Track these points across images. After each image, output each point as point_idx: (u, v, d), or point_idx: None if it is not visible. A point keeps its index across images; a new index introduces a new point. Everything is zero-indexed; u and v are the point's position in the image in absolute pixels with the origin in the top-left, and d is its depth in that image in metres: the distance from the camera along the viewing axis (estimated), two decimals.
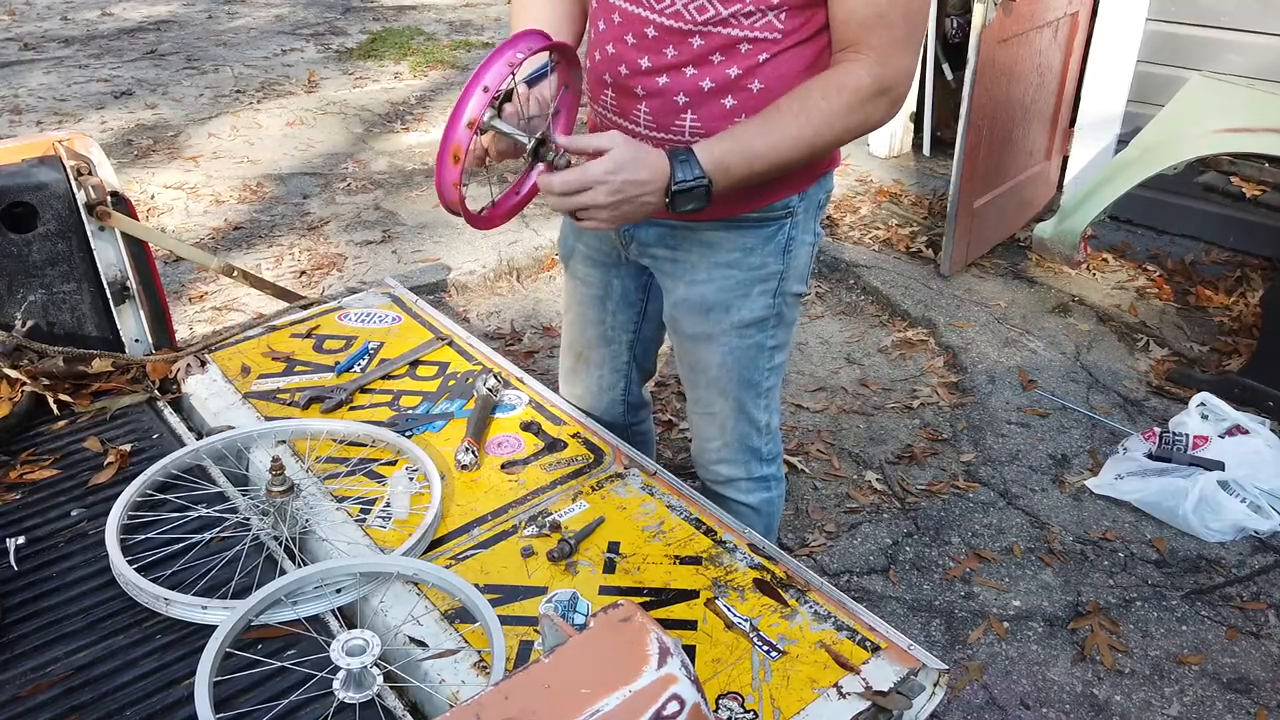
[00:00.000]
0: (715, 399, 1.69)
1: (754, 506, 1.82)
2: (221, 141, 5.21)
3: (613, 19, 1.44)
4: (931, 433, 2.96)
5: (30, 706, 1.18)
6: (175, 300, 3.56)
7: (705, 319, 1.60)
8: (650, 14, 1.38)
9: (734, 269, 1.56)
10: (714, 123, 1.41)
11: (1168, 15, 3.63)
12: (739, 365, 1.65)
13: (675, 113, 1.44)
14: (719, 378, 1.66)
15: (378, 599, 1.31)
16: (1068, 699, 2.11)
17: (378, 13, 8.03)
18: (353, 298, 2.11)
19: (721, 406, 1.70)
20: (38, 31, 7.34)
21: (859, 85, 1.32)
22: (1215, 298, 3.58)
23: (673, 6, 1.36)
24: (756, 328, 1.61)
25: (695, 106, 1.42)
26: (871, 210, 4.42)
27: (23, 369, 1.74)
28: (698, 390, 1.71)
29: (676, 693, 0.75)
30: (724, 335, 1.61)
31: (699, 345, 1.64)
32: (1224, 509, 2.51)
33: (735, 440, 1.74)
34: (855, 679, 1.18)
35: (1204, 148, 2.98)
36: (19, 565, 1.40)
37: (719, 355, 1.64)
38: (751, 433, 1.74)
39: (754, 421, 1.73)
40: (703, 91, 1.41)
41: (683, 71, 1.40)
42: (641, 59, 1.42)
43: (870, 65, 1.32)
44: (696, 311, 1.61)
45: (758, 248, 1.55)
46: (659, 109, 1.44)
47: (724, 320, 1.60)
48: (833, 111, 1.32)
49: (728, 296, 1.58)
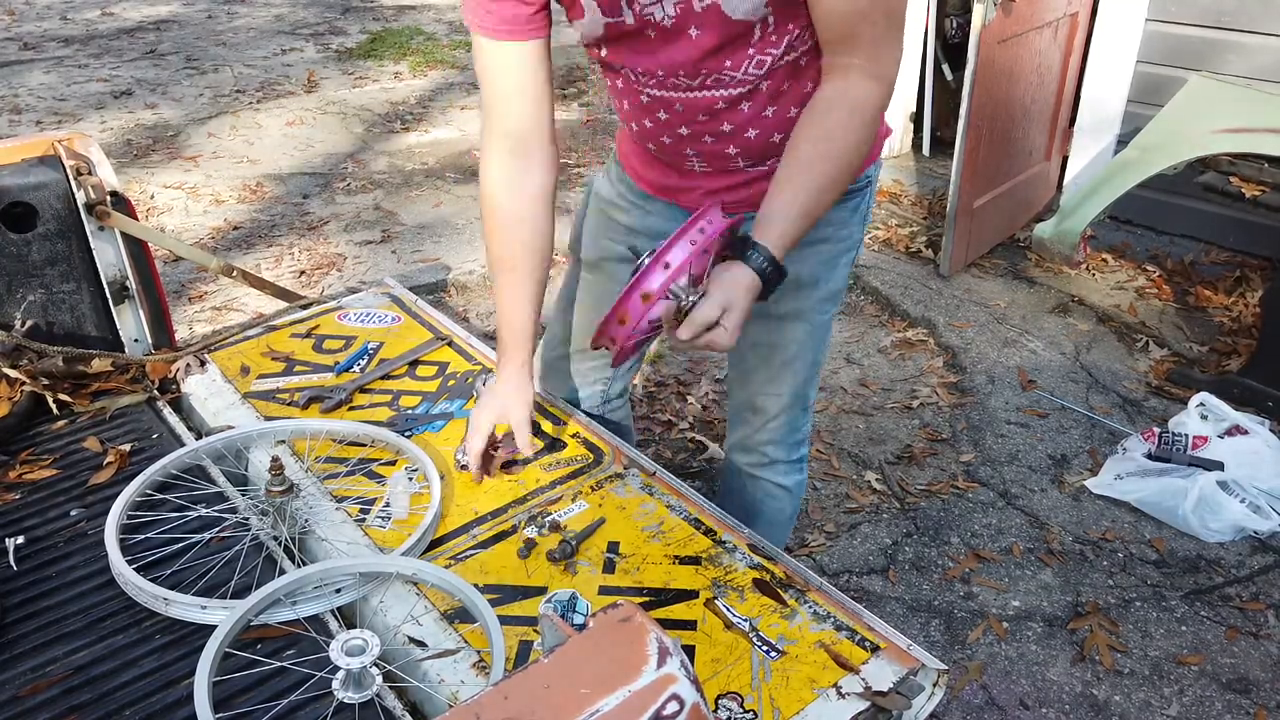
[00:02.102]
0: (786, 378, 1.71)
1: (788, 488, 1.86)
2: (221, 141, 5.21)
3: (672, 109, 1.44)
4: (931, 433, 2.96)
5: (30, 706, 1.18)
6: (175, 300, 3.56)
7: (797, 295, 1.61)
8: (713, 92, 1.39)
9: (826, 243, 1.58)
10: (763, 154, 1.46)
11: (1168, 15, 3.63)
12: (815, 341, 1.69)
13: (726, 159, 1.49)
14: (796, 355, 1.69)
15: (377, 599, 1.31)
16: (1067, 699, 2.11)
17: (378, 13, 8.03)
18: (352, 298, 2.11)
19: (790, 386, 1.72)
20: (37, 31, 7.34)
21: (865, 99, 1.31)
22: (1215, 298, 3.59)
23: (734, 79, 1.36)
24: (833, 300, 1.67)
25: (745, 153, 1.47)
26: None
27: (22, 369, 1.74)
28: (769, 370, 1.72)
29: (676, 693, 0.75)
30: (810, 311, 1.64)
31: (785, 324, 1.66)
32: (1223, 509, 2.51)
33: (788, 421, 1.77)
34: (855, 679, 1.18)
35: (1204, 148, 2.98)
36: (18, 565, 1.40)
37: (803, 332, 1.66)
38: (801, 414, 1.78)
39: (805, 402, 1.77)
40: (791, 119, 1.40)
41: (764, 115, 1.42)
42: (722, 126, 1.43)
43: (863, 71, 1.31)
44: (788, 288, 1.54)
45: (845, 220, 1.59)
46: (758, 153, 1.47)
47: (813, 295, 1.63)
48: (857, 138, 1.33)
49: (819, 270, 1.61)
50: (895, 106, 4.86)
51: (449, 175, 4.87)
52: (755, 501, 1.88)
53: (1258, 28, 3.45)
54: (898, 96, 4.83)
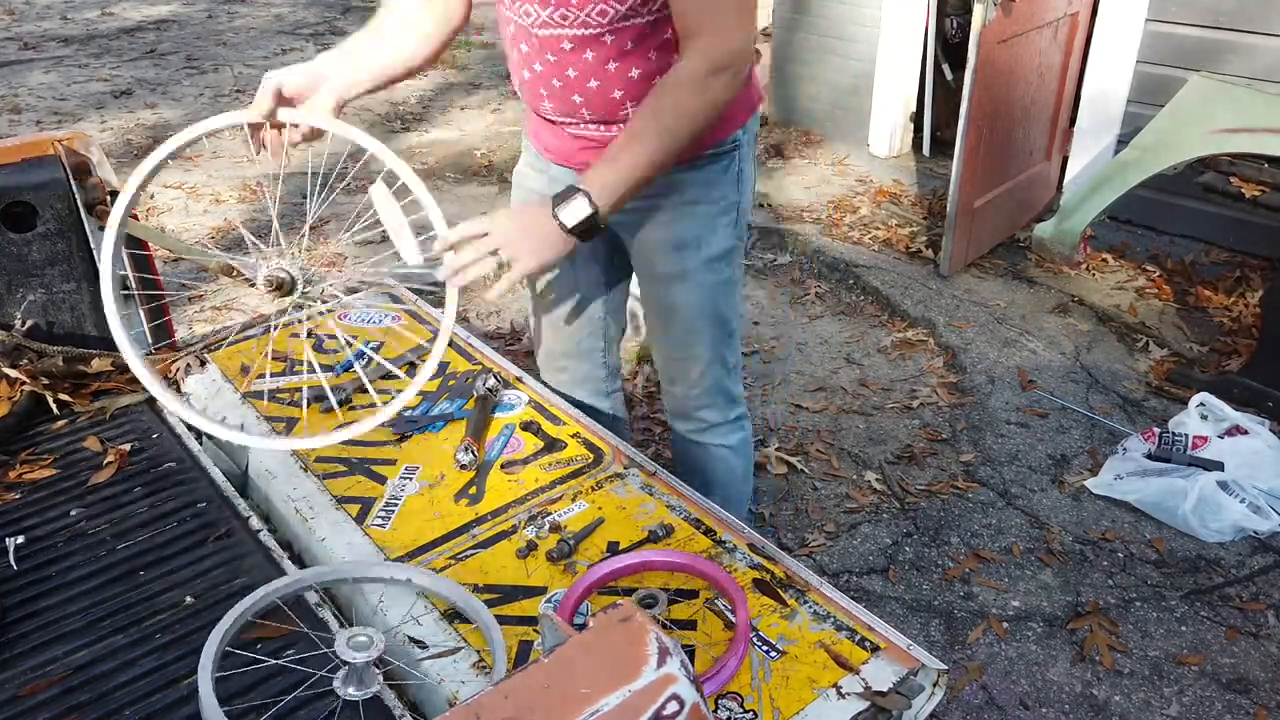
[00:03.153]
0: (693, 341, 1.80)
1: (732, 447, 1.95)
2: (221, 141, 5.21)
3: (531, 43, 1.55)
4: (931, 433, 2.96)
5: (29, 706, 1.18)
6: (175, 300, 3.56)
7: (679, 256, 1.71)
8: (559, 30, 1.49)
9: (700, 204, 1.68)
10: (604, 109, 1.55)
11: (1168, 15, 3.63)
12: (713, 301, 1.77)
13: (616, 107, 1.57)
14: (695, 318, 1.78)
15: (377, 598, 1.31)
16: (1067, 699, 2.11)
17: None
18: (352, 298, 2.11)
19: (698, 349, 1.81)
20: (37, 31, 7.34)
21: (693, 72, 1.42)
22: (1215, 298, 3.59)
23: (578, 17, 1.46)
24: (724, 261, 1.74)
25: (632, 96, 1.54)
26: (871, 210, 4.42)
27: (22, 368, 1.74)
28: (673, 333, 1.82)
29: (676, 693, 0.75)
30: (696, 272, 1.73)
31: (673, 285, 1.75)
32: (1223, 509, 2.51)
33: (713, 383, 1.86)
34: (855, 679, 1.18)
35: (1204, 148, 2.98)
36: (18, 565, 1.40)
37: (693, 294, 1.75)
38: (724, 374, 1.86)
39: (725, 363, 1.85)
40: (633, 80, 1.53)
41: (607, 69, 1.52)
42: (568, 70, 1.54)
43: (702, 50, 1.42)
44: (670, 249, 1.72)
45: (716, 180, 1.68)
46: (600, 107, 1.57)
47: (695, 256, 1.71)
48: (679, 104, 1.43)
49: (698, 231, 1.70)
50: (896, 106, 4.86)
51: (449, 175, 4.87)
52: (706, 467, 1.97)
53: (1258, 28, 3.45)
54: (898, 97, 4.84)
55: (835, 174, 4.82)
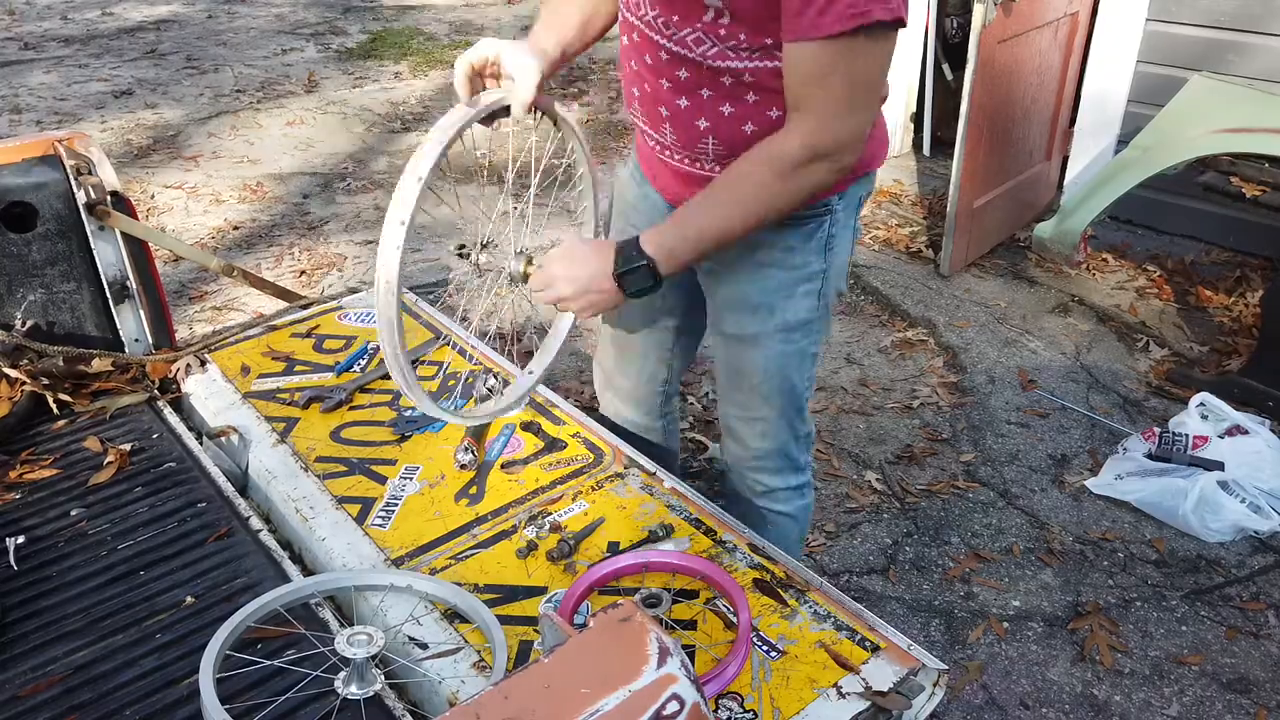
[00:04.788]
0: (759, 405, 1.68)
1: (792, 515, 1.82)
2: (221, 141, 5.21)
3: (633, 36, 1.46)
4: (931, 433, 2.96)
5: (30, 706, 1.18)
6: (175, 300, 3.56)
7: (751, 319, 1.60)
8: (660, 39, 1.40)
9: (776, 268, 1.56)
10: (737, 148, 1.40)
11: (1168, 15, 3.63)
12: (783, 371, 1.64)
13: (698, 136, 1.46)
14: (763, 384, 1.65)
15: (378, 599, 1.31)
16: (1067, 699, 2.11)
17: (378, 13, 8.03)
18: (352, 297, 2.11)
19: (765, 413, 1.69)
20: (38, 31, 7.34)
21: (785, 153, 1.31)
22: (1215, 298, 3.59)
23: (678, 34, 1.37)
24: (801, 331, 1.61)
25: (717, 131, 1.44)
26: (871, 210, 4.42)
27: (22, 368, 1.74)
28: (739, 395, 1.70)
29: (676, 693, 0.75)
30: (768, 339, 1.61)
31: (744, 348, 1.64)
32: (1224, 509, 2.51)
33: (776, 449, 1.73)
34: (855, 679, 1.18)
35: (1204, 148, 2.97)
36: (19, 565, 1.40)
37: (763, 360, 1.63)
38: (791, 442, 1.74)
39: (794, 430, 1.72)
40: (723, 116, 1.42)
41: (700, 94, 1.41)
42: (660, 80, 1.44)
43: (803, 131, 1.30)
44: (741, 310, 1.61)
45: (798, 246, 1.55)
46: (682, 129, 1.47)
47: (769, 322, 1.59)
48: (761, 183, 1.33)
49: (772, 298, 1.58)
50: (896, 106, 4.86)
51: (449, 175, 4.87)
52: (758, 525, 1.84)
53: (1258, 28, 3.45)
54: (898, 97, 4.84)
55: None
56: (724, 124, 1.43)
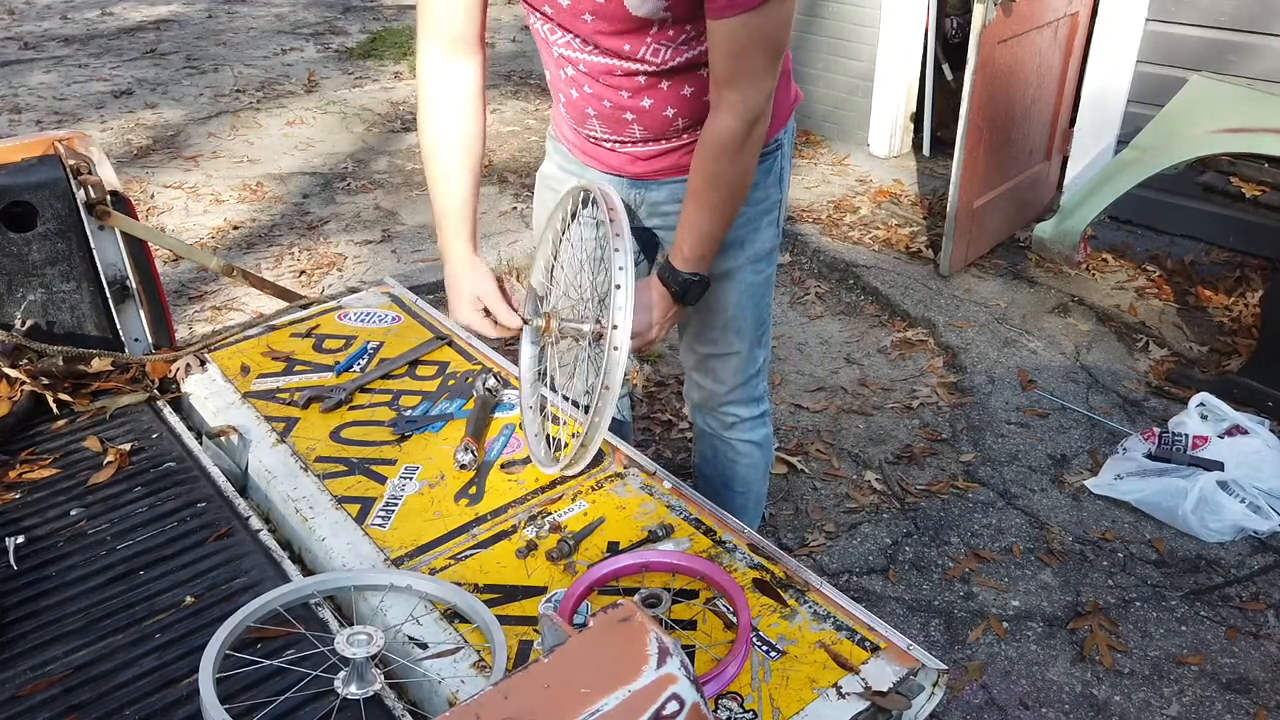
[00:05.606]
0: (733, 339, 1.82)
1: (757, 442, 1.97)
2: (221, 141, 5.21)
3: (578, 68, 1.55)
4: (931, 433, 2.96)
5: (30, 706, 1.18)
6: (175, 300, 3.56)
7: (723, 256, 1.70)
8: (617, 61, 1.50)
9: (746, 206, 1.65)
10: (700, 116, 1.52)
11: (1168, 15, 3.63)
12: (753, 300, 1.79)
13: (668, 123, 1.59)
14: (736, 316, 1.80)
15: (378, 599, 1.31)
16: (1067, 699, 2.11)
17: (378, 13, 8.03)
18: (352, 297, 2.11)
19: (739, 346, 1.83)
20: (38, 31, 7.34)
21: (732, 136, 1.45)
22: (1215, 298, 3.59)
23: (636, 55, 1.48)
24: (766, 260, 1.77)
25: (684, 113, 1.57)
26: (871, 210, 4.42)
27: (22, 368, 1.74)
28: (713, 333, 1.83)
29: (676, 693, 0.75)
30: (740, 271, 1.75)
31: (717, 285, 1.74)
32: (1223, 509, 2.51)
33: (744, 380, 1.88)
34: (855, 679, 1.18)
35: (1204, 148, 2.98)
36: (18, 565, 1.40)
37: (735, 294, 1.77)
38: (754, 374, 1.89)
39: (756, 360, 1.87)
40: (685, 98, 1.54)
41: (660, 88, 1.53)
42: (619, 92, 1.55)
43: (736, 106, 1.43)
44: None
45: (760, 182, 1.68)
46: (650, 123, 1.59)
47: (740, 255, 1.73)
48: (731, 171, 1.49)
49: (742, 232, 1.71)
50: (895, 106, 4.87)
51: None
52: (730, 462, 2.00)
53: (1258, 28, 3.45)
54: (898, 97, 4.84)
55: (835, 174, 4.83)
56: (687, 103, 1.55)
